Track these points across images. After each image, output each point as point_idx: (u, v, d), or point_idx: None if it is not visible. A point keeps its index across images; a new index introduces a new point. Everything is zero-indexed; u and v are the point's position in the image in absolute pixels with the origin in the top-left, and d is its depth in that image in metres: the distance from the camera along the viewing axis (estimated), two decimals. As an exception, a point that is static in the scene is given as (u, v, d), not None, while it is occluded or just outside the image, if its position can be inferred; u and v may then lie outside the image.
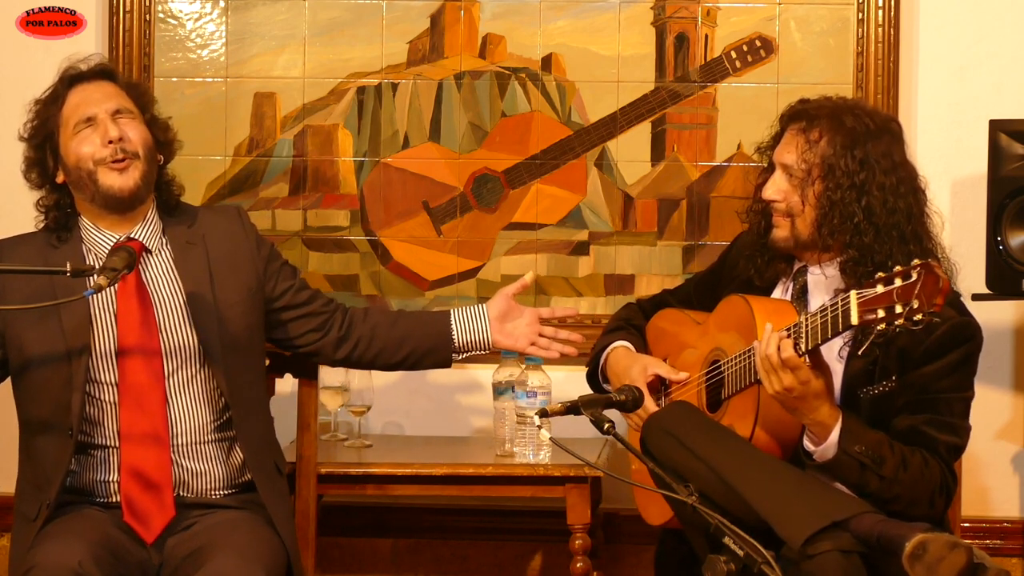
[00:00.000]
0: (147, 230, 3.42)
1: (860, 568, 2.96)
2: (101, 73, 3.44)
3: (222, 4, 4.56)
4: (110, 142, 3.35)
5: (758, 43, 4.47)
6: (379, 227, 4.56)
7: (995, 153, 4.02)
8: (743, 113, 4.46)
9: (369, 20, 4.54)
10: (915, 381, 3.17)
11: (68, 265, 3.23)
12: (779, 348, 3.03)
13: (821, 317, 2.98)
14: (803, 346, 3.02)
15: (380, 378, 4.29)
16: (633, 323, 3.65)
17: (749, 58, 4.48)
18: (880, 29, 4.41)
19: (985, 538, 4.37)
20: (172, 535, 3.31)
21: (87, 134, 3.37)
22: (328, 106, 4.56)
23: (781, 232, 3.31)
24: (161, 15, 4.55)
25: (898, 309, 2.82)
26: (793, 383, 3.03)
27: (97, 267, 3.24)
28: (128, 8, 4.53)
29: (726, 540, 2.89)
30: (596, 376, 3.63)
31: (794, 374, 3.02)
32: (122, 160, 3.35)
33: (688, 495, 2.95)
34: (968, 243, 4.24)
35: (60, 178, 3.42)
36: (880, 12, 4.41)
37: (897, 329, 2.85)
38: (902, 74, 4.43)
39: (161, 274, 3.41)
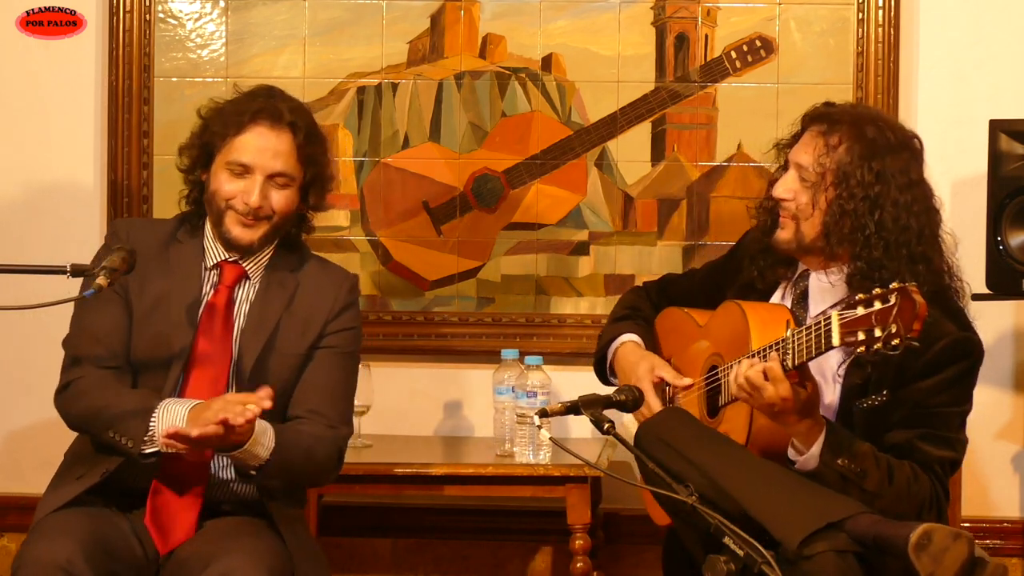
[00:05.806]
0: (256, 259, 3.39)
1: (856, 568, 2.95)
2: (290, 124, 3.33)
3: (222, 4, 4.56)
4: (246, 204, 3.30)
5: (758, 43, 4.47)
6: (379, 227, 4.56)
7: (995, 153, 4.03)
8: (743, 113, 4.46)
9: (369, 20, 4.54)
10: (911, 395, 3.14)
11: (68, 266, 3.21)
12: (764, 372, 3.01)
13: (806, 335, 2.96)
14: (790, 362, 3.00)
15: (380, 378, 4.29)
16: (641, 312, 3.62)
17: (749, 58, 4.47)
18: (880, 29, 4.41)
19: (985, 538, 4.37)
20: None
21: (235, 178, 3.31)
22: (328, 106, 4.56)
23: (784, 234, 3.29)
24: (161, 15, 4.55)
25: (877, 332, 2.80)
26: (774, 398, 3.01)
27: (96, 268, 3.22)
28: (128, 8, 4.53)
29: (726, 540, 2.89)
30: (603, 364, 3.60)
31: (775, 387, 3.00)
32: (252, 219, 3.31)
33: (688, 495, 2.95)
34: (968, 243, 4.22)
35: (204, 177, 3.38)
36: (880, 12, 4.41)
37: (877, 352, 2.83)
38: (902, 74, 4.42)
39: (237, 303, 3.37)
